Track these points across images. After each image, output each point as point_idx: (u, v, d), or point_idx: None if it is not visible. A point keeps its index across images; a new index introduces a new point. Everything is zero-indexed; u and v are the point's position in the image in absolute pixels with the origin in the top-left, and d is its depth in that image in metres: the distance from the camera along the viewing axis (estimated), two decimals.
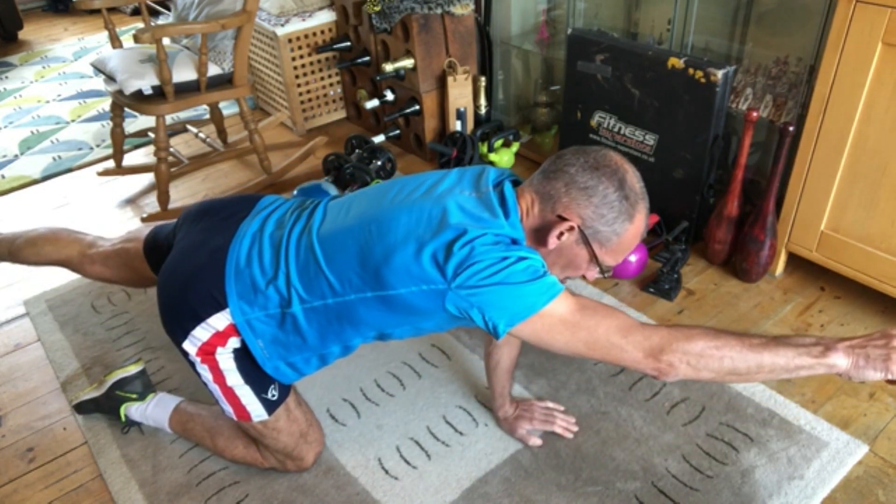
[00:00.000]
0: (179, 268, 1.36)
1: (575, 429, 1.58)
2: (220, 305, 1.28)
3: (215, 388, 1.37)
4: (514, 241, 1.13)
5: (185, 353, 1.33)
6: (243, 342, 1.32)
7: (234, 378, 1.35)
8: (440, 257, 1.10)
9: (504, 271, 1.07)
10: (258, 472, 1.54)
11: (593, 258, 1.17)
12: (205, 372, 1.35)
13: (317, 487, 1.50)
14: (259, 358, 1.32)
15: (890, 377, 0.97)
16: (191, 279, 1.32)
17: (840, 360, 0.98)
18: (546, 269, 1.12)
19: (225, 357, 1.33)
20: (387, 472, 1.52)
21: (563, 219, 1.14)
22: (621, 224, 1.14)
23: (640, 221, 1.17)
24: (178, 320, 1.32)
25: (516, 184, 1.24)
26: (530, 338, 1.11)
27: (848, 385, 1.67)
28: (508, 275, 1.07)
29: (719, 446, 1.52)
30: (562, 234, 1.15)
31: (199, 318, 1.29)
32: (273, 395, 1.40)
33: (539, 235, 1.18)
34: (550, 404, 1.62)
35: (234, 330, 1.30)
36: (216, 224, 1.40)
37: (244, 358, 1.34)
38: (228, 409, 1.39)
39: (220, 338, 1.30)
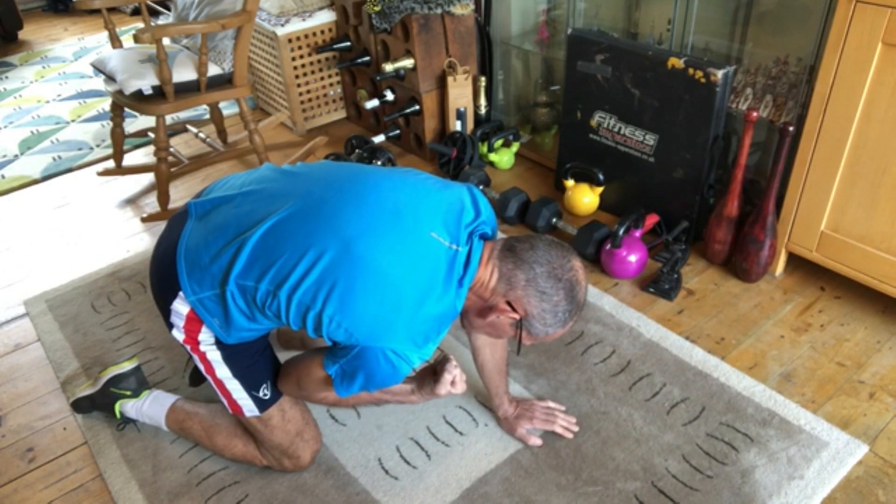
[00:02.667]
0: (151, 259, 1.39)
1: (575, 429, 1.58)
2: (175, 291, 1.29)
3: (209, 379, 1.39)
4: (445, 322, 1.23)
5: (179, 343, 1.36)
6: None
7: (222, 370, 1.36)
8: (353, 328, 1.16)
9: (371, 365, 1.18)
10: (258, 472, 1.54)
11: (518, 339, 1.25)
12: (198, 362, 1.38)
13: (317, 487, 1.50)
14: (221, 336, 1.32)
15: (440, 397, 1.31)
16: (156, 266, 1.34)
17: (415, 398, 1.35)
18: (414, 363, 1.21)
19: (209, 347, 1.34)
20: (387, 472, 1.52)
21: (511, 307, 1.20)
22: (554, 328, 1.23)
23: (568, 327, 1.25)
24: (161, 309, 1.35)
25: (484, 237, 1.28)
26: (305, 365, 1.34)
27: (848, 385, 1.67)
28: (375, 367, 1.18)
29: (719, 446, 1.52)
30: (500, 316, 1.23)
31: (167, 303, 1.31)
32: (265, 395, 1.40)
33: (482, 310, 1.24)
34: (551, 404, 1.62)
35: (196, 315, 1.31)
36: (179, 213, 1.38)
37: (227, 348, 1.35)
38: (223, 400, 1.41)
39: (192, 323, 1.31)
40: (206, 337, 1.33)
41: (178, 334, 1.34)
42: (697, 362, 1.74)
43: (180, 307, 1.30)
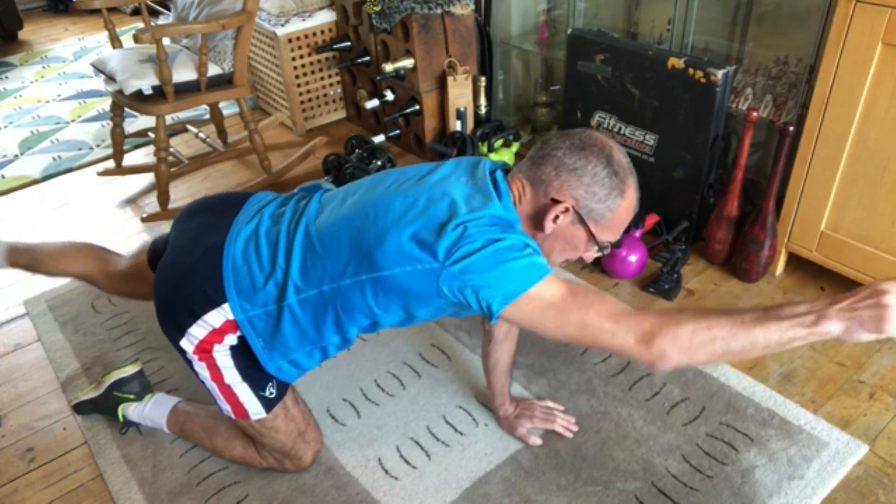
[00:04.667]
0: (174, 266, 1.36)
1: (575, 428, 1.58)
2: (215, 302, 1.28)
3: (213, 387, 1.37)
4: (510, 225, 1.14)
5: (183, 352, 1.33)
6: (240, 338, 1.32)
7: (231, 375, 1.35)
8: (432, 237, 1.10)
9: (498, 252, 1.08)
10: (258, 472, 1.54)
11: (591, 237, 1.18)
12: (202, 370, 1.35)
13: (317, 487, 1.50)
14: (261, 358, 1.32)
15: (884, 336, 0.94)
16: (185, 277, 1.32)
17: (833, 327, 0.96)
18: (537, 250, 1.13)
19: (222, 354, 1.33)
20: (387, 472, 1.52)
21: (556, 201, 1.16)
22: (614, 200, 1.16)
23: (630, 196, 1.18)
24: (174, 318, 1.32)
25: (508, 172, 1.26)
26: (522, 321, 1.10)
27: (848, 385, 1.67)
28: (502, 254, 1.08)
29: (719, 446, 1.52)
30: (557, 216, 1.16)
31: (196, 315, 1.29)
32: (271, 393, 1.40)
33: (535, 220, 1.19)
34: (551, 403, 1.62)
35: (231, 327, 1.30)
36: (209, 222, 1.39)
37: (241, 354, 1.34)
38: (226, 407, 1.39)
39: (216, 335, 1.30)
40: (221, 347, 1.32)
41: (188, 346, 1.31)
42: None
43: (214, 319, 1.28)
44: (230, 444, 1.52)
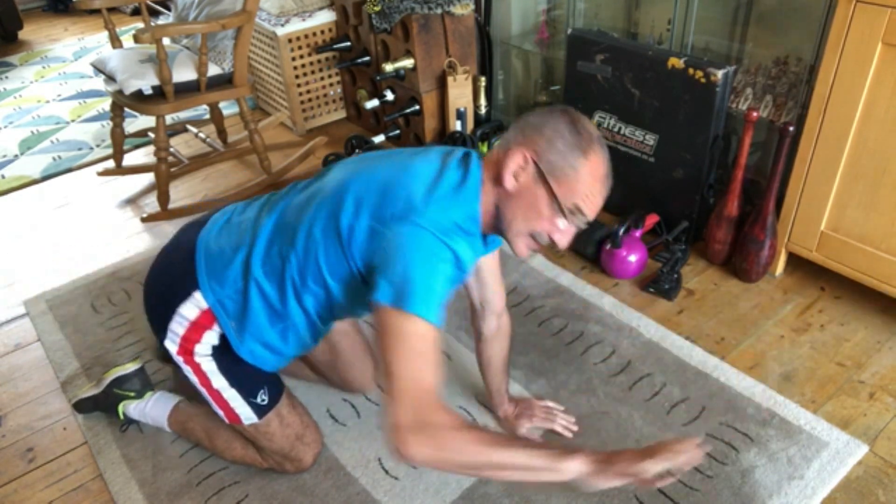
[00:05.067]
0: (154, 267, 1.40)
1: (575, 428, 1.58)
2: (187, 292, 1.30)
3: (203, 391, 1.38)
4: (458, 230, 1.13)
5: (171, 355, 1.35)
6: (221, 337, 1.33)
7: (218, 381, 1.36)
8: (381, 227, 1.12)
9: (420, 253, 1.06)
10: (258, 472, 1.54)
11: (552, 197, 1.12)
12: (190, 375, 1.36)
13: (317, 487, 1.50)
14: (234, 343, 1.32)
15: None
16: (163, 271, 1.36)
17: (573, 466, 0.95)
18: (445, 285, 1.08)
19: (205, 358, 1.34)
20: (387, 472, 1.52)
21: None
22: (575, 157, 1.11)
23: (596, 161, 1.13)
24: (155, 314, 1.36)
25: None
26: (377, 325, 1.06)
27: (848, 385, 1.67)
28: (421, 257, 1.06)
29: (719, 446, 1.52)
30: (517, 172, 1.13)
31: (171, 307, 1.31)
32: (263, 400, 1.40)
33: (497, 179, 1.15)
34: (551, 403, 1.62)
35: (207, 319, 1.30)
36: (189, 224, 1.43)
37: (224, 358, 1.34)
38: (219, 412, 1.40)
39: (194, 331, 1.31)
40: (202, 348, 1.33)
41: (172, 346, 1.33)
42: (697, 362, 1.74)
43: (188, 311, 1.30)
44: (230, 445, 1.52)
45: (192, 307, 1.30)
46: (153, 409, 1.62)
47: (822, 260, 1.87)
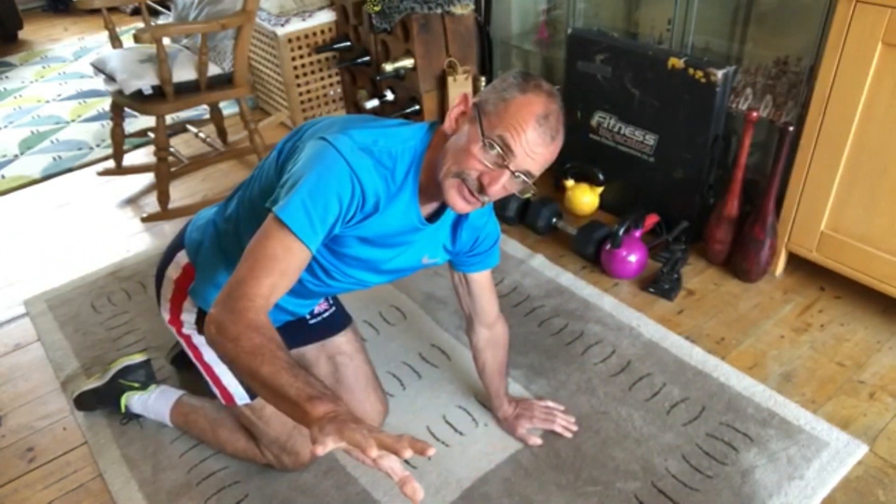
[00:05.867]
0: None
1: (575, 428, 1.58)
2: (173, 255, 1.39)
3: (198, 366, 1.42)
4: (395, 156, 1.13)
5: (171, 329, 1.41)
6: (200, 309, 1.37)
7: (209, 354, 1.40)
8: (306, 138, 1.15)
9: (317, 168, 1.06)
10: (258, 472, 1.54)
11: (478, 126, 1.08)
12: (187, 350, 1.41)
13: (317, 487, 1.50)
14: (194, 291, 1.35)
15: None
16: (166, 249, 1.45)
17: (318, 408, 0.85)
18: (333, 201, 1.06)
19: (193, 330, 1.39)
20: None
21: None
22: (510, 93, 1.08)
23: (532, 97, 1.07)
24: (156, 287, 1.43)
25: None
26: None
27: (848, 385, 1.67)
28: (316, 172, 1.05)
29: (719, 446, 1.52)
30: (458, 115, 1.12)
31: (162, 273, 1.40)
32: None
33: (444, 138, 1.14)
34: (550, 403, 1.62)
35: (187, 274, 1.36)
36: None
37: None
38: (215, 390, 1.42)
39: (178, 294, 1.37)
40: (187, 317, 1.38)
41: (165, 313, 1.40)
42: (697, 362, 1.74)
43: (172, 272, 1.37)
44: (234, 437, 1.53)
45: (175, 267, 1.38)
46: (156, 402, 1.62)
47: (822, 260, 1.87)
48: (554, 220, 2.28)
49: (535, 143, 1.07)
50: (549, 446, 1.55)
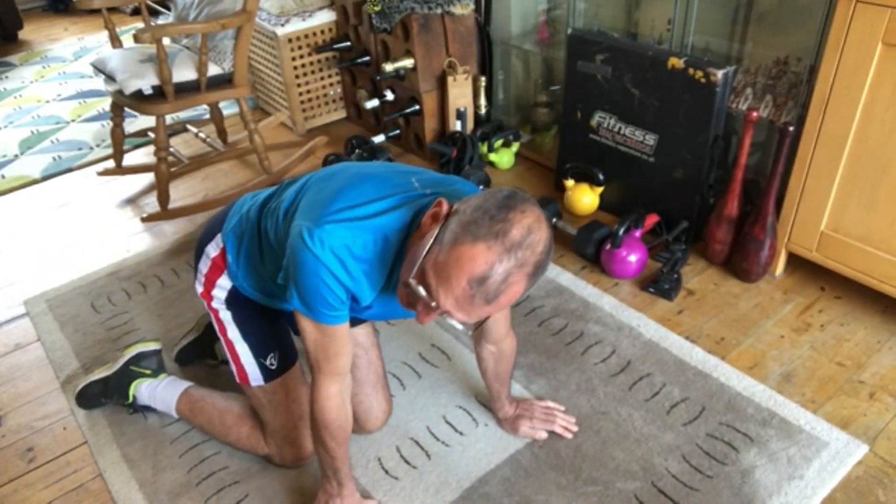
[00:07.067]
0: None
1: (575, 429, 1.58)
2: (213, 235, 1.41)
3: (221, 339, 1.45)
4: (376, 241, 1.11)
5: (202, 302, 1.46)
6: (234, 287, 1.40)
7: (233, 331, 1.42)
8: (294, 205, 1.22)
9: (305, 277, 1.11)
10: (258, 472, 1.54)
11: (419, 255, 1.00)
12: (214, 322, 1.44)
13: (316, 488, 1.49)
14: (233, 273, 1.38)
15: None
16: (208, 226, 1.48)
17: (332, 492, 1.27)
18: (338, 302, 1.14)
19: (221, 306, 1.42)
20: (387, 472, 1.52)
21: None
22: (467, 234, 0.96)
23: (483, 247, 0.95)
24: (195, 260, 1.46)
25: None
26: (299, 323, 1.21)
27: (848, 385, 1.67)
28: (306, 281, 1.12)
29: (719, 446, 1.52)
30: (433, 216, 1.04)
31: (202, 249, 1.43)
32: (272, 364, 1.43)
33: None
34: (551, 404, 1.62)
35: (222, 260, 1.39)
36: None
37: (239, 312, 1.42)
38: (232, 366, 1.45)
39: (213, 271, 1.40)
40: (219, 293, 1.41)
41: (199, 286, 1.44)
42: (697, 362, 1.74)
43: (211, 250, 1.40)
44: (240, 421, 1.54)
45: (214, 246, 1.41)
46: (164, 390, 1.63)
47: (822, 260, 1.87)
48: (554, 219, 2.28)
49: (464, 303, 0.97)
50: (549, 446, 1.55)
